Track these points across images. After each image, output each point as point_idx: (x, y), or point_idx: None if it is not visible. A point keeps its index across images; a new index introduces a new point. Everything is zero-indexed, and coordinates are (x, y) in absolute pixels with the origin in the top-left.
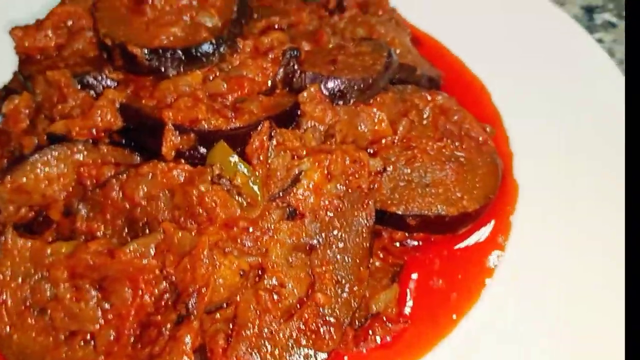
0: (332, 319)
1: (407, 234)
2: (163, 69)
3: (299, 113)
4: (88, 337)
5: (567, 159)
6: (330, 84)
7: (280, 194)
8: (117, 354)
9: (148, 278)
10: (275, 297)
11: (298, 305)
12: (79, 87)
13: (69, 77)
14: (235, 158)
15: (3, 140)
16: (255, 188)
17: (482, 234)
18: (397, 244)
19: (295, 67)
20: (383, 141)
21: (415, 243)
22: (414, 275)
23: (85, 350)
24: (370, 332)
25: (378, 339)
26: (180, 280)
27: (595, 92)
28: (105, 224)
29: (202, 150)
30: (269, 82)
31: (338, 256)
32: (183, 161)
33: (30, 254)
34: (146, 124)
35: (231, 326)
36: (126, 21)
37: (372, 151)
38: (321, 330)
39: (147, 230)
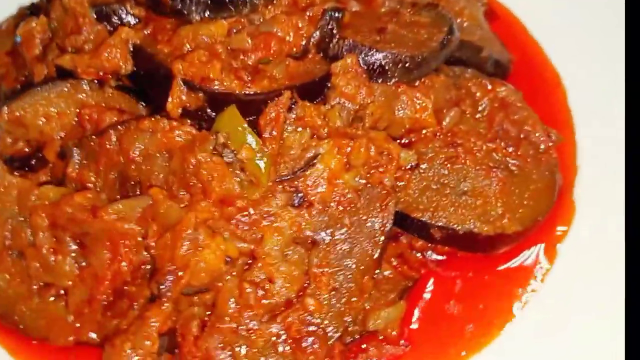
0: (319, 331)
1: (429, 245)
2: (186, 12)
3: (328, 85)
4: (62, 292)
5: None
6: (371, 57)
7: (290, 176)
8: (86, 317)
9: (128, 244)
10: (261, 292)
11: (284, 307)
12: (97, 18)
13: (87, 6)
14: (245, 128)
15: (19, 63)
16: (262, 165)
17: (520, 258)
18: (417, 254)
19: (334, 30)
20: (424, 131)
21: (439, 257)
22: (428, 294)
23: (57, 305)
24: (363, 347)
25: None
26: (159, 256)
27: None
28: (97, 175)
29: (212, 112)
30: (302, 44)
31: (341, 259)
32: (189, 121)
33: (17, 193)
34: (157, 73)
35: (208, 314)
36: None
37: (407, 141)
38: (304, 340)
39: (138, 191)
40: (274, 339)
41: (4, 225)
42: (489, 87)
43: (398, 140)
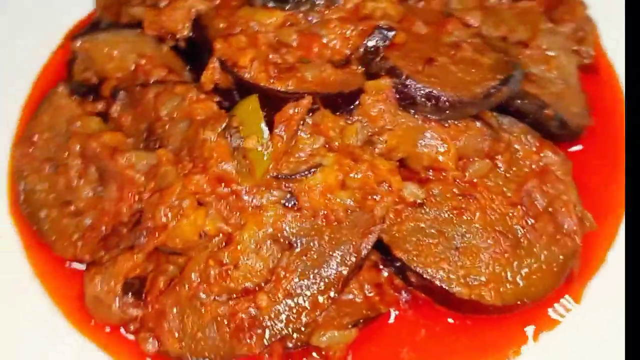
0: (259, 327)
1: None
2: None
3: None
4: (79, 212)
5: None
6: (404, 86)
7: (289, 176)
8: (87, 239)
9: (132, 191)
10: (223, 274)
11: (241, 295)
12: None
13: None
14: (260, 119)
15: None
16: (265, 157)
17: (501, 331)
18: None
19: (381, 48)
20: (444, 173)
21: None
22: (388, 332)
23: (71, 222)
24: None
25: None
26: (145, 211)
27: None
28: (133, 121)
29: (237, 96)
30: (346, 54)
31: (308, 270)
32: (218, 98)
33: (68, 115)
34: (203, 45)
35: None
36: None
37: (424, 176)
38: (244, 331)
39: (157, 147)
40: (219, 319)
41: (53, 138)
42: (534, 149)
43: (416, 174)
